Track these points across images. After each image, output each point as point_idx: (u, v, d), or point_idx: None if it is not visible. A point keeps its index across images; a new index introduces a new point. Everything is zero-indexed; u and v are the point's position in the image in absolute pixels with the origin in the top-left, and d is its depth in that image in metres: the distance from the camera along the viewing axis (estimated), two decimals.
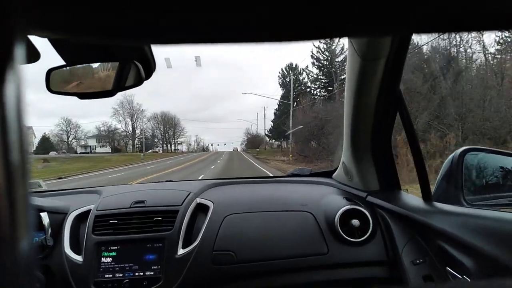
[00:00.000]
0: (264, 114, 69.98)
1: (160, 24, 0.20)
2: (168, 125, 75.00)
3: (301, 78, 43.01)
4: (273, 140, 61.54)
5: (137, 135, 66.24)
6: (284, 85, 47.40)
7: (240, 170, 17.19)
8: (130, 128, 65.34)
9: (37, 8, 0.18)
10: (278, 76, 48.99)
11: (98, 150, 61.29)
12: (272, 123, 56.55)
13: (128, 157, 38.61)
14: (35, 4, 0.18)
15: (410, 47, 1.11)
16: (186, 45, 0.22)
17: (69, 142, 59.77)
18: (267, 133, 59.03)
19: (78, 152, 57.80)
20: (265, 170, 15.90)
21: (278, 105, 51.92)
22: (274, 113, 54.41)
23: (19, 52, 0.18)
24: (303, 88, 40.24)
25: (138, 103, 69.36)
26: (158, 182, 1.86)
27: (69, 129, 59.76)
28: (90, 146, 62.51)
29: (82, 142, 62.57)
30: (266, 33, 0.21)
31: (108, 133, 62.92)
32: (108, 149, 61.15)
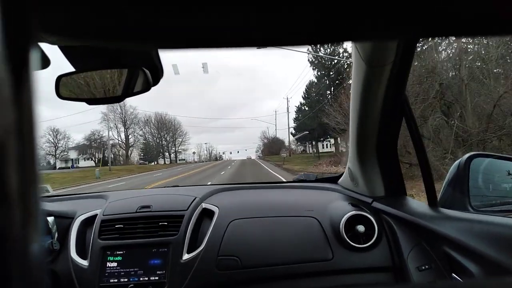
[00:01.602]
0: (287, 108, 48.15)
1: (162, 27, 0.20)
2: (165, 130, 62.92)
3: (341, 50, 31.77)
4: (298, 144, 50.51)
5: (131, 144, 56.63)
6: (315, 62, 34.89)
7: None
8: (123, 136, 55.55)
9: (47, 13, 0.19)
10: (307, 51, 35.56)
11: (82, 163, 51.50)
12: (295, 122, 44.14)
13: (83, 175, 28.02)
14: (45, 9, 0.19)
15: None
16: (189, 49, 0.22)
17: (57, 155, 51.22)
18: (293, 131, 45.46)
19: (58, 167, 49.38)
20: None
21: (305, 97, 40.83)
22: (298, 109, 42.77)
23: (34, 57, 0.18)
24: (346, 60, 28.34)
25: (132, 105, 58.04)
26: (165, 187, 1.87)
27: (56, 141, 50.30)
28: (72, 160, 53.14)
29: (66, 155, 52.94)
30: (269, 37, 0.22)
31: (91, 142, 52.43)
32: (93, 162, 51.53)
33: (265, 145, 69.37)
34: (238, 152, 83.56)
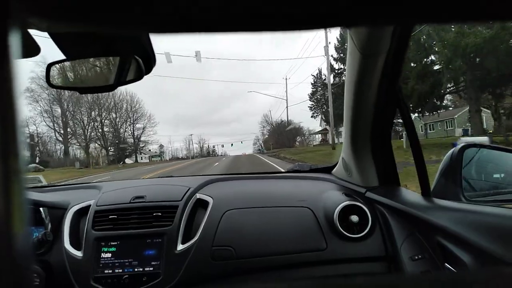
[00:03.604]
0: (326, 45, 23.72)
1: (158, 13, 0.19)
2: (107, 110, 42.65)
3: None
4: (324, 125, 36.56)
5: (69, 136, 39.69)
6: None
7: None
8: (61, 123, 38.58)
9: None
10: None
11: None
12: (311, 98, 34.03)
13: None
14: None
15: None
16: (184, 34, 0.22)
17: None
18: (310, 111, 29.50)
19: None
20: None
21: (338, 47, 30.41)
22: (318, 77, 33.81)
23: (14, 46, 0.18)
24: None
25: None
26: (159, 177, 1.87)
27: None
28: None
29: None
30: (263, 22, 0.21)
31: None
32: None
33: (272, 132, 48.31)
34: (232, 145, 67.59)
